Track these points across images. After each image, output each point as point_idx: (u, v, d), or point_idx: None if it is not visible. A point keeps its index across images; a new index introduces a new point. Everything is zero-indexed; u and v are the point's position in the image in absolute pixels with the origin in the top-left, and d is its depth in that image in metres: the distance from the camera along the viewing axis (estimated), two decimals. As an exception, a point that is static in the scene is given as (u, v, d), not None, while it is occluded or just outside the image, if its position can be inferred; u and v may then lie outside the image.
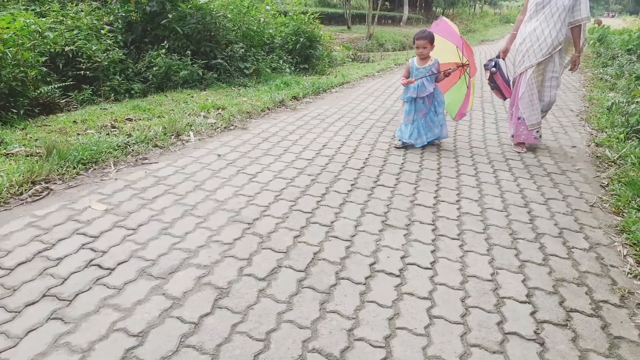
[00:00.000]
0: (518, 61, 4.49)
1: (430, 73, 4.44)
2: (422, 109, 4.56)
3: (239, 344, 1.92)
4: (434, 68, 4.43)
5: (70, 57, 6.77)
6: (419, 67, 4.46)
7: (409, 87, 4.49)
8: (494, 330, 2.10)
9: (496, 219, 3.19)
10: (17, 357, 1.81)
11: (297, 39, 9.66)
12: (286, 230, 2.90)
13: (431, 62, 4.42)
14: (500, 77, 4.65)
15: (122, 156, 4.05)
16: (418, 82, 4.42)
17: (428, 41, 4.30)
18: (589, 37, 22.18)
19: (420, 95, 4.47)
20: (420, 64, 4.47)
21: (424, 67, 4.44)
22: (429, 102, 4.55)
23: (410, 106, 4.58)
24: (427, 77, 4.42)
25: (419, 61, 4.48)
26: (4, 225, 2.82)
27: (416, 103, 4.55)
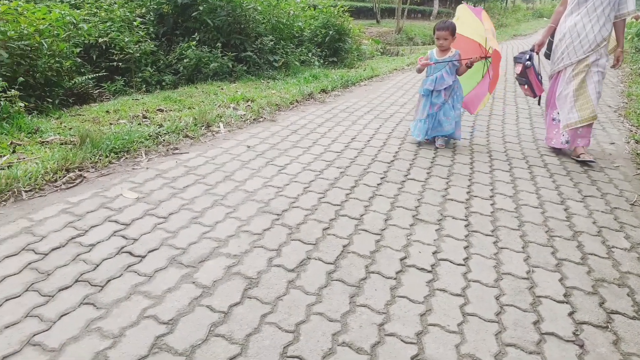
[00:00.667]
0: (557, 58, 4.17)
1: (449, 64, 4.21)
2: (438, 102, 4.29)
3: (268, 335, 1.90)
4: (454, 60, 4.21)
5: (103, 48, 6.89)
6: (438, 58, 4.25)
7: (427, 80, 4.31)
8: (530, 330, 2.03)
9: (531, 215, 3.09)
10: (50, 340, 1.83)
11: (327, 32, 9.59)
12: (315, 222, 2.87)
13: (451, 54, 4.20)
14: (533, 72, 4.33)
15: (154, 146, 4.09)
16: (437, 75, 4.22)
17: (449, 32, 4.08)
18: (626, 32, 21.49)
19: (437, 88, 4.23)
20: (439, 55, 4.25)
21: (443, 59, 4.23)
22: (446, 95, 4.28)
23: (427, 100, 4.34)
24: (447, 69, 4.20)
25: (438, 52, 4.26)
26: (38, 211, 2.86)
27: (432, 96, 4.30)
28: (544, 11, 44.23)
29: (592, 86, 4.00)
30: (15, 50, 4.82)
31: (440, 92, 4.24)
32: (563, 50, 4.09)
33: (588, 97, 3.98)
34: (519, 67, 4.36)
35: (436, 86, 4.21)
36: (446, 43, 4.13)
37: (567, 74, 4.09)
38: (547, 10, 44.41)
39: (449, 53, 4.20)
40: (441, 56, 4.22)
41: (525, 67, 4.29)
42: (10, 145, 3.85)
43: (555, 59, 4.21)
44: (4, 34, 4.75)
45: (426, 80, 4.33)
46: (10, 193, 3.03)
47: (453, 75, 4.24)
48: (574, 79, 4.03)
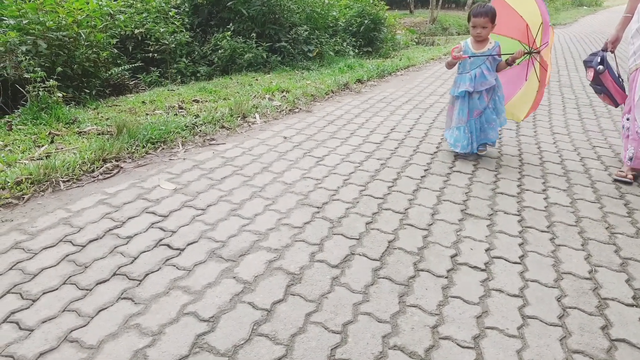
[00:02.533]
0: (631, 53, 3.29)
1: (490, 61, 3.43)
2: (478, 107, 3.48)
3: (314, 335, 1.79)
4: (494, 52, 3.40)
5: (139, 39, 6.89)
6: (475, 51, 3.41)
7: (462, 78, 3.48)
8: (599, 335, 1.85)
9: (588, 210, 2.88)
10: (87, 336, 1.76)
11: (362, 21, 9.39)
12: (357, 215, 2.73)
13: (490, 46, 3.40)
14: (609, 76, 3.46)
15: (190, 136, 4.03)
16: (476, 71, 3.41)
17: (489, 19, 3.25)
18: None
19: (478, 89, 3.41)
20: (476, 47, 3.42)
21: (481, 51, 3.40)
22: (488, 97, 3.47)
23: (463, 104, 3.51)
24: (487, 64, 3.41)
25: (474, 44, 3.43)
26: (76, 202, 2.83)
27: (470, 99, 3.48)
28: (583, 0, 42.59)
29: None
30: (54, 41, 4.83)
31: (481, 93, 3.46)
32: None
33: None
34: (590, 72, 3.56)
35: (476, 86, 3.42)
36: (484, 32, 3.31)
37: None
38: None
39: (487, 45, 3.41)
40: (478, 48, 3.42)
41: (597, 72, 3.45)
42: (48, 135, 3.85)
43: (632, 52, 3.32)
44: (42, 24, 4.76)
45: (461, 78, 3.51)
46: (49, 183, 3.01)
47: (494, 72, 3.47)
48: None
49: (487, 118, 3.52)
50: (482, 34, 3.32)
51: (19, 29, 4.76)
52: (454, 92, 3.55)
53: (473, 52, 3.41)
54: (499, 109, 3.55)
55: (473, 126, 3.53)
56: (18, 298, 1.97)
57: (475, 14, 3.27)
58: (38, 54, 4.73)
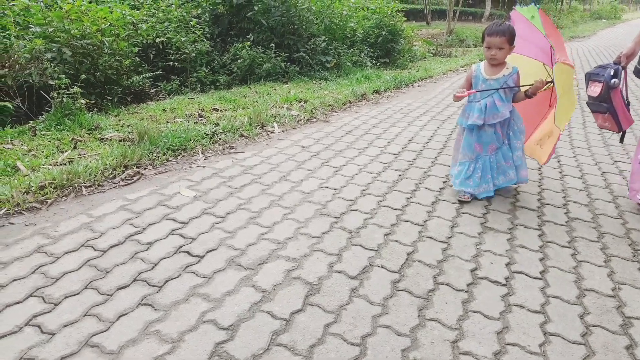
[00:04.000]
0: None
1: (505, 90, 2.90)
2: (492, 141, 3.00)
3: (333, 347, 1.78)
4: (510, 80, 2.88)
5: (160, 48, 7.00)
6: (488, 77, 2.91)
7: (472, 107, 2.98)
8: (624, 355, 1.82)
9: (611, 226, 2.84)
10: (108, 341, 1.78)
11: (379, 32, 9.42)
12: (376, 226, 2.73)
13: (507, 72, 2.89)
14: (619, 95, 2.96)
15: (210, 144, 4.06)
16: (487, 101, 2.90)
17: (506, 39, 2.75)
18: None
19: (489, 122, 2.92)
20: (489, 72, 2.91)
21: (496, 79, 2.89)
22: (502, 131, 3.00)
23: (471, 137, 3.03)
24: (501, 93, 2.90)
25: (488, 68, 2.92)
26: (98, 207, 2.86)
27: (482, 133, 2.99)
28: (602, 12, 42.27)
29: None
30: (78, 49, 4.93)
31: (494, 127, 2.96)
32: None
33: None
34: (596, 86, 2.99)
35: (487, 118, 2.91)
36: (500, 54, 2.80)
37: None
38: (606, 12, 42.40)
39: (502, 70, 2.89)
40: (492, 73, 2.91)
41: (609, 86, 2.90)
42: (71, 142, 3.91)
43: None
44: (68, 32, 4.87)
45: (470, 107, 3.01)
46: (71, 188, 3.05)
47: (509, 103, 2.95)
48: None
49: (504, 155, 3.04)
50: (498, 56, 2.79)
51: (44, 37, 4.87)
52: (463, 122, 3.07)
53: (485, 77, 2.91)
54: (514, 145, 3.05)
55: (487, 164, 3.03)
56: (40, 302, 1.99)
57: (490, 32, 2.77)
58: (63, 62, 4.83)
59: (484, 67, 2.95)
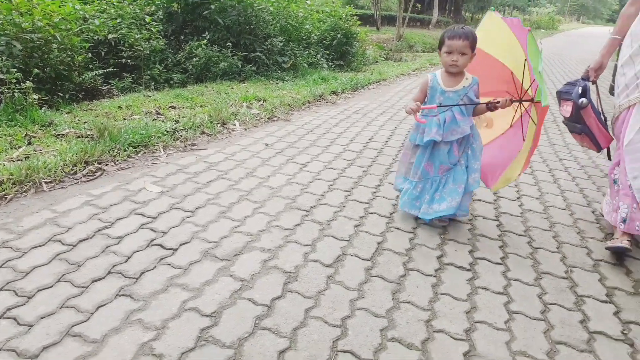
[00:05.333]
0: (624, 85, 2.56)
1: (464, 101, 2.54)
2: (445, 162, 2.63)
3: (315, 329, 1.84)
4: (471, 91, 2.54)
5: (112, 45, 6.81)
6: (447, 88, 2.54)
7: (428, 123, 2.58)
8: (579, 328, 1.99)
9: (561, 216, 3.06)
10: (90, 331, 1.76)
11: (335, 35, 9.58)
12: (345, 219, 2.82)
13: (467, 82, 2.54)
14: (592, 112, 2.75)
15: (171, 141, 4.03)
16: (446, 115, 2.55)
17: (468, 43, 2.42)
18: (624, 45, 21.71)
19: (447, 139, 2.56)
20: (448, 83, 2.55)
21: (455, 90, 2.53)
22: (458, 150, 2.64)
23: (423, 154, 2.67)
24: (461, 107, 2.55)
25: (446, 78, 2.56)
26: (61, 203, 2.79)
27: (435, 151, 2.63)
28: (541, 23, 44.58)
29: None
30: (29, 43, 4.74)
31: (451, 144, 2.60)
32: (637, 74, 2.48)
33: None
34: (567, 106, 2.82)
35: (445, 134, 2.55)
36: (462, 60, 2.46)
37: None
38: (544, 22, 44.75)
39: (462, 80, 2.54)
40: (451, 84, 2.55)
41: (578, 106, 2.72)
42: (25, 137, 3.77)
43: (621, 87, 2.60)
44: (18, 25, 4.68)
45: (426, 125, 2.61)
46: (31, 184, 2.96)
47: (470, 117, 2.61)
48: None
49: (455, 178, 2.64)
50: (460, 62, 2.45)
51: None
52: (416, 139, 2.68)
53: (443, 88, 2.55)
54: (472, 166, 2.66)
55: (436, 184, 2.69)
56: (12, 295, 1.94)
57: (452, 35, 2.44)
58: (12, 55, 4.63)
59: (441, 76, 2.58)
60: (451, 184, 2.64)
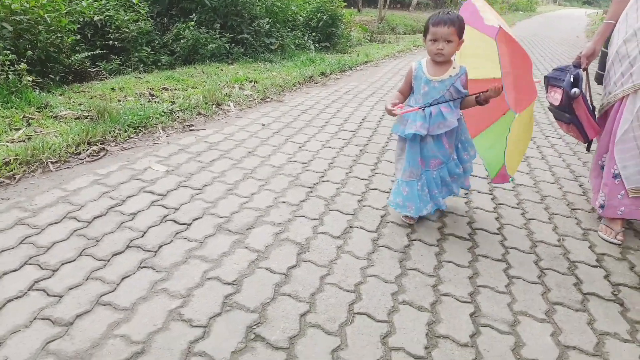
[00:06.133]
0: (618, 75, 2.48)
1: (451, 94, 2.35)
2: (436, 156, 2.46)
3: (331, 294, 1.97)
4: (458, 82, 2.33)
5: (98, 27, 6.74)
6: (432, 78, 2.34)
7: (413, 116, 2.39)
8: (573, 290, 2.15)
9: (550, 190, 3.22)
10: (119, 299, 1.85)
11: (320, 17, 9.59)
12: (348, 194, 2.93)
13: (454, 72, 2.33)
14: (583, 102, 2.62)
15: (169, 122, 4.08)
16: (432, 108, 2.33)
17: (455, 30, 2.22)
18: (601, 27, 22.09)
19: (434, 132, 2.37)
20: (433, 71, 2.35)
21: (441, 80, 2.33)
22: (448, 143, 2.47)
23: (414, 148, 2.43)
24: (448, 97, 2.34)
25: (431, 67, 2.36)
26: (70, 182, 2.85)
27: (424, 144, 2.44)
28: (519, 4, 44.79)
29: None
30: (19, 24, 4.69)
31: (439, 137, 2.42)
32: (634, 59, 2.38)
33: None
34: (556, 93, 2.68)
35: (431, 128, 2.35)
36: (448, 49, 2.25)
37: (639, 104, 2.40)
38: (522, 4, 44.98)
39: (449, 69, 2.34)
40: (437, 73, 2.34)
41: (570, 96, 2.57)
42: (22, 119, 3.78)
43: (616, 77, 2.51)
44: (7, 7, 4.62)
45: (411, 116, 2.40)
46: (38, 164, 3.00)
47: (457, 110, 2.41)
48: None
49: (450, 171, 2.54)
50: (445, 51, 2.25)
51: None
52: (398, 130, 2.45)
53: (429, 77, 2.35)
54: (464, 156, 2.58)
55: (431, 180, 2.51)
56: (37, 269, 2.02)
57: (437, 22, 2.23)
58: (2, 37, 4.58)
59: (426, 65, 2.38)
60: (447, 177, 2.53)
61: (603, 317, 1.98)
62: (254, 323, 1.77)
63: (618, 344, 1.83)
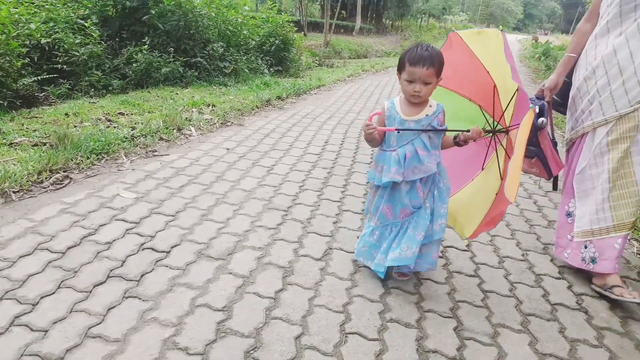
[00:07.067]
0: (579, 110, 2.50)
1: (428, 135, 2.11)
2: (406, 205, 2.18)
3: (322, 316, 2.01)
4: (435, 121, 2.09)
5: (45, 49, 6.54)
6: (407, 118, 2.09)
7: (387, 158, 2.15)
8: (542, 302, 2.30)
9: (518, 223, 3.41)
10: (109, 331, 1.81)
11: (273, 41, 9.73)
12: (323, 216, 3.00)
13: (431, 110, 2.10)
14: (547, 135, 2.51)
15: (131, 147, 4.00)
16: (407, 149, 2.09)
17: (435, 71, 1.99)
18: (532, 52, 23.64)
19: (409, 178, 2.10)
20: (408, 111, 2.10)
21: (417, 120, 2.08)
22: (424, 191, 2.17)
23: (382, 195, 2.23)
24: (424, 139, 2.10)
25: (406, 106, 2.12)
26: (36, 212, 2.75)
27: (396, 191, 2.18)
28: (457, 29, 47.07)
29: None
30: (-35, 47, 4.50)
31: (413, 184, 2.14)
32: (593, 97, 2.40)
33: (634, 185, 2.33)
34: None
35: (406, 173, 2.10)
36: (426, 91, 2.02)
37: (598, 140, 2.39)
38: (459, 29, 47.29)
39: (424, 108, 2.10)
40: (412, 113, 2.10)
41: (537, 126, 2.39)
42: (-26, 147, 3.60)
43: (577, 112, 2.52)
44: (-48, 29, 4.42)
45: (383, 157, 2.18)
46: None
47: (435, 152, 2.13)
48: (609, 149, 2.36)
49: (417, 223, 2.17)
50: (423, 93, 2.02)
51: None
52: (375, 178, 2.23)
53: (403, 117, 2.09)
54: (437, 210, 2.20)
55: (389, 232, 2.26)
56: (15, 303, 1.94)
57: (415, 60, 1.97)
58: (-54, 61, 4.37)
59: (400, 104, 2.13)
60: (410, 229, 2.17)
61: (572, 325, 2.14)
62: (251, 348, 1.78)
63: (588, 350, 1.98)
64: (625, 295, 2.24)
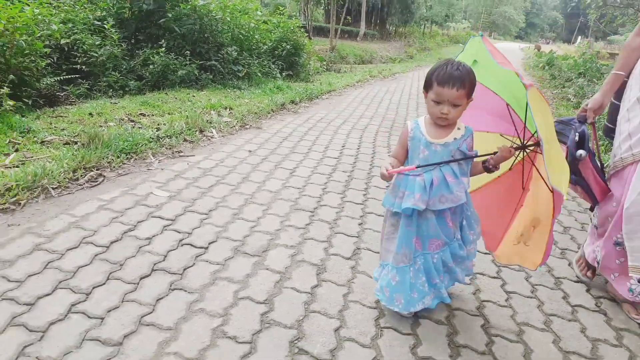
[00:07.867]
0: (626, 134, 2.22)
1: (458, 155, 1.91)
2: (437, 235, 1.98)
3: (357, 311, 2.13)
4: (464, 145, 1.90)
5: (65, 50, 6.68)
6: (433, 140, 1.90)
7: (410, 184, 1.92)
8: (563, 303, 2.42)
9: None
10: (160, 320, 1.93)
11: (284, 46, 9.88)
12: (348, 218, 3.12)
13: (459, 133, 1.92)
14: (590, 163, 2.29)
15: (158, 148, 4.13)
16: (434, 176, 1.88)
17: (465, 93, 1.80)
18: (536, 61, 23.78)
19: (434, 207, 1.89)
20: (434, 133, 1.92)
21: (444, 143, 1.90)
22: (453, 220, 1.99)
23: (410, 226, 1.96)
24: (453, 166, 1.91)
25: (431, 128, 1.94)
26: (75, 208, 2.87)
27: (422, 220, 1.95)
28: (459, 38, 47.39)
29: None
30: (-6, 49, 4.64)
31: (441, 213, 1.95)
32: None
33: None
34: None
35: (432, 201, 1.89)
36: (454, 114, 1.84)
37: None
38: (462, 37, 47.62)
39: (452, 130, 1.92)
40: (439, 135, 1.91)
41: (576, 158, 2.23)
42: (8, 144, 3.73)
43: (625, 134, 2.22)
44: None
45: (406, 181, 1.95)
46: (40, 190, 3.00)
47: (464, 180, 1.93)
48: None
49: (454, 253, 2.04)
50: (450, 116, 1.83)
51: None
52: (391, 204, 1.99)
53: (429, 140, 1.91)
54: (467, 238, 2.08)
55: (431, 266, 2.01)
56: (70, 292, 2.06)
57: (443, 80, 1.78)
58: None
59: (425, 125, 1.95)
60: (450, 261, 2.03)
61: (592, 325, 2.26)
62: (295, 338, 1.91)
63: (609, 349, 2.10)
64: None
